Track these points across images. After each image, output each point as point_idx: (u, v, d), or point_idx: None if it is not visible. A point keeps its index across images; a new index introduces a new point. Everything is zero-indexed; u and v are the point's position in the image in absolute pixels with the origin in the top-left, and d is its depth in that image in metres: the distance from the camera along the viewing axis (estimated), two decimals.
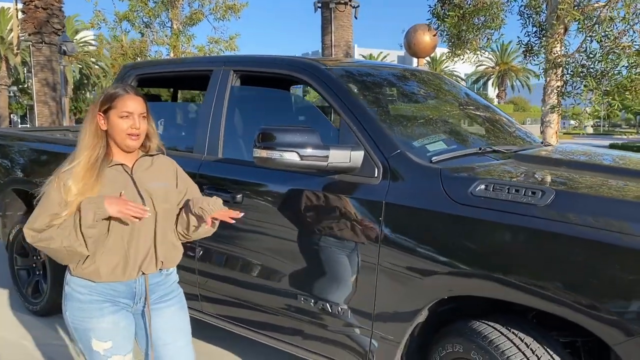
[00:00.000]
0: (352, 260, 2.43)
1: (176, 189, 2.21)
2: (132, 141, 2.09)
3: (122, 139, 2.09)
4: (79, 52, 36.89)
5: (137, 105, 2.08)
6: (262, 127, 2.42)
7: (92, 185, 2.00)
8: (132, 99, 2.08)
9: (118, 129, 2.08)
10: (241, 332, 2.99)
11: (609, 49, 5.17)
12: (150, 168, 2.18)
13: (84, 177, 2.01)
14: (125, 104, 2.07)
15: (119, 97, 2.09)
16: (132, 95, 2.09)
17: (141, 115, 2.09)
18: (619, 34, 5.13)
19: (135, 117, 2.07)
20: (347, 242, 2.44)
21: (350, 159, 2.43)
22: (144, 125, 2.11)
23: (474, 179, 2.20)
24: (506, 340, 2.04)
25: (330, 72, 2.75)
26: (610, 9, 5.10)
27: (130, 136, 2.08)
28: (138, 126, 2.07)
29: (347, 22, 12.07)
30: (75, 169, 2.02)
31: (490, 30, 6.56)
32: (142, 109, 2.10)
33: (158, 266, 2.15)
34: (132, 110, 2.07)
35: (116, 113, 2.07)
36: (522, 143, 3.07)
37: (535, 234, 1.96)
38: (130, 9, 14.79)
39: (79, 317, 2.10)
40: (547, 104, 6.11)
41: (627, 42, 5.13)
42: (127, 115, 2.06)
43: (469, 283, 2.11)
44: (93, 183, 2.01)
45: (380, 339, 2.40)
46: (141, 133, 2.10)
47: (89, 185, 2.00)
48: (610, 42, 5.14)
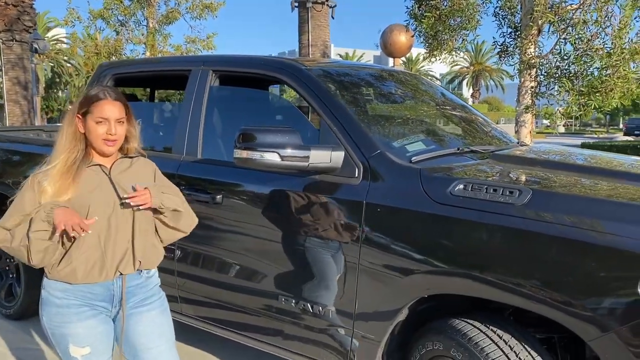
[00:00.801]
0: (333, 260, 2.44)
1: None
2: (107, 147, 2.06)
3: (98, 145, 2.06)
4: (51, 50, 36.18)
5: (113, 110, 2.04)
6: (242, 128, 2.41)
7: (68, 186, 1.98)
8: (109, 104, 2.04)
9: (94, 134, 2.05)
10: (222, 333, 2.97)
11: (582, 51, 5.29)
12: (129, 170, 2.16)
13: (60, 178, 1.98)
14: (101, 110, 2.03)
15: (96, 102, 2.05)
16: (109, 100, 2.05)
17: (118, 121, 2.05)
18: (591, 37, 5.26)
19: (111, 123, 2.03)
20: (328, 242, 2.45)
21: (330, 159, 2.44)
22: (122, 131, 2.07)
23: (453, 179, 2.23)
24: (485, 338, 2.07)
25: (310, 72, 2.76)
26: (584, 12, 5.21)
27: (105, 142, 2.04)
28: (113, 132, 2.03)
29: (324, 21, 12.09)
30: (51, 171, 2.00)
31: (466, 31, 6.66)
32: (119, 114, 2.05)
33: (136, 266, 2.12)
34: (107, 116, 2.03)
35: (92, 118, 2.04)
36: (499, 143, 3.12)
37: (513, 233, 1.99)
38: (105, 7, 14.55)
39: (56, 322, 2.07)
40: (521, 104, 6.22)
41: (599, 44, 5.26)
42: (102, 121, 2.03)
43: (448, 281, 2.14)
44: (69, 184, 1.99)
45: (361, 338, 2.41)
46: (118, 139, 2.07)
47: (64, 186, 1.98)
48: (584, 44, 5.26)
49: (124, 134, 2.10)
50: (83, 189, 2.01)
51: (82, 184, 2.01)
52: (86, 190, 2.02)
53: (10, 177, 4.01)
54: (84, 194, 2.01)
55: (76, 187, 1.99)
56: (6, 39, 14.12)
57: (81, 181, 2.02)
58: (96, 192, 2.04)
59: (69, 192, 1.97)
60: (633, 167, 2.77)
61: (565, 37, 5.41)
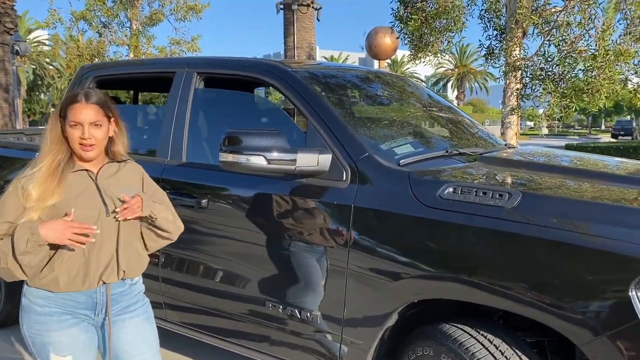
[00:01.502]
0: (321, 265, 2.41)
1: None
2: (84, 151, 1.99)
3: (75, 149, 2.00)
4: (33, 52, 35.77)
5: (87, 114, 1.97)
6: (228, 131, 2.37)
7: (53, 190, 1.92)
8: (83, 108, 1.97)
9: (70, 138, 1.99)
10: (207, 340, 2.92)
11: (566, 53, 5.32)
12: (116, 175, 2.10)
13: (45, 181, 1.93)
14: (74, 113, 1.97)
15: (70, 105, 1.99)
16: (82, 103, 1.98)
17: (94, 124, 1.98)
18: (575, 39, 5.29)
19: (84, 127, 1.96)
20: (316, 247, 2.41)
21: (318, 162, 2.40)
22: (100, 134, 2.00)
23: (442, 182, 2.20)
24: (476, 342, 2.05)
25: (296, 74, 2.72)
26: (567, 14, 5.25)
27: (81, 146, 1.98)
28: (86, 137, 1.96)
29: (309, 24, 12.05)
30: (36, 174, 1.95)
31: (451, 33, 6.67)
32: (93, 118, 1.98)
33: (120, 276, 2.07)
34: (80, 120, 1.96)
35: (67, 121, 1.99)
36: (486, 145, 3.11)
37: (503, 236, 1.98)
38: (87, 8, 14.35)
39: (37, 331, 2.01)
40: (507, 105, 6.24)
41: (583, 46, 5.30)
42: (76, 124, 1.97)
43: (438, 286, 2.12)
44: (54, 188, 1.93)
45: (350, 344, 2.38)
46: (96, 143, 2.00)
47: (49, 190, 1.92)
48: (568, 46, 5.30)
49: (103, 137, 2.03)
50: (68, 194, 1.96)
51: (67, 188, 1.96)
52: (71, 196, 1.96)
53: None
54: (69, 199, 1.95)
55: (61, 191, 1.94)
56: None
57: (67, 186, 1.96)
58: (81, 198, 1.98)
59: (54, 196, 1.92)
60: (619, 168, 2.78)
61: (550, 39, 5.44)
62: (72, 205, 1.96)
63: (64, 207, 1.95)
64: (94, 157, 2.04)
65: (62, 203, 1.95)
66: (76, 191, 1.99)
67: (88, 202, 2.00)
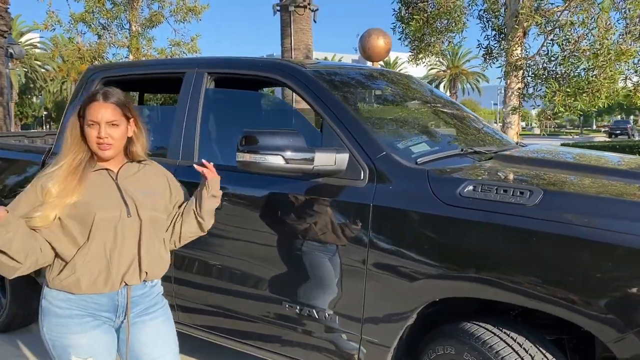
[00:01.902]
0: (339, 265, 2.40)
1: (168, 198, 2.13)
2: (100, 150, 1.98)
3: (93, 148, 1.99)
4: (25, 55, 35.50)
5: (104, 113, 1.96)
6: (245, 130, 2.35)
7: (73, 188, 1.91)
8: (100, 107, 1.97)
9: (88, 137, 1.99)
10: (222, 341, 2.90)
11: (569, 52, 5.34)
12: (137, 175, 2.09)
13: (65, 179, 1.92)
14: (91, 113, 1.97)
15: (88, 104, 1.99)
16: (100, 102, 1.97)
17: (111, 124, 1.97)
18: (578, 38, 5.31)
19: (101, 126, 1.95)
20: (333, 246, 2.40)
21: (335, 161, 2.39)
22: (117, 134, 1.99)
23: (462, 180, 2.20)
24: (499, 341, 2.05)
25: (310, 73, 2.71)
26: (571, 13, 5.27)
27: (98, 145, 1.97)
28: (102, 136, 1.95)
29: (306, 25, 12.03)
30: (57, 172, 1.94)
31: (452, 33, 6.68)
32: (110, 117, 1.97)
33: (142, 277, 2.05)
34: (97, 119, 1.95)
35: (85, 121, 1.98)
36: (499, 143, 3.11)
37: (526, 233, 1.97)
38: (86, 10, 14.23)
39: (58, 333, 1.99)
40: (507, 105, 6.26)
41: (586, 45, 5.32)
42: (93, 124, 1.96)
43: (460, 284, 2.11)
44: (74, 186, 1.92)
45: (370, 344, 2.37)
46: (113, 142, 1.98)
47: (69, 188, 1.91)
48: (571, 46, 5.32)
49: (120, 137, 2.01)
50: (88, 194, 1.94)
51: (88, 188, 1.95)
52: (92, 196, 1.95)
53: None
54: (89, 199, 1.94)
55: (82, 190, 1.92)
56: None
57: (87, 185, 1.95)
58: (103, 198, 1.97)
59: (74, 194, 1.90)
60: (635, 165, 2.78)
61: (553, 38, 5.46)
62: (92, 207, 1.94)
63: (85, 206, 1.94)
64: (111, 156, 2.03)
65: (83, 202, 1.94)
66: (97, 190, 1.98)
67: (109, 202, 1.98)
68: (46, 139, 5.52)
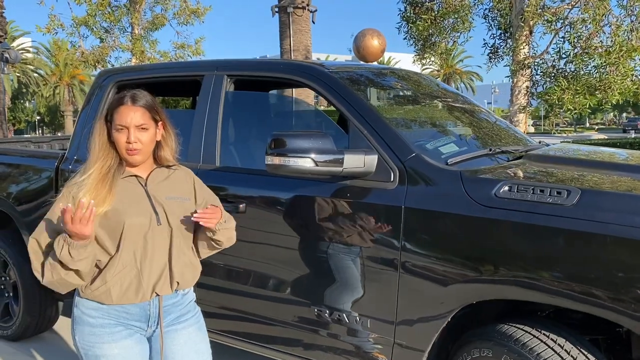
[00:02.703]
0: (370, 268, 2.36)
1: (195, 203, 2.08)
2: (129, 156, 1.94)
3: (122, 154, 1.95)
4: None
5: (133, 116, 1.91)
6: (274, 133, 2.32)
7: (104, 197, 1.87)
8: (128, 110, 1.92)
9: (117, 143, 1.94)
10: (245, 347, 2.86)
11: (581, 49, 5.34)
12: (166, 181, 2.04)
13: (95, 188, 1.87)
14: (119, 117, 1.92)
15: (116, 108, 1.94)
16: (129, 106, 1.93)
17: (139, 128, 1.92)
18: (590, 35, 5.31)
19: (130, 130, 1.91)
20: (363, 250, 2.37)
21: (364, 163, 2.36)
22: (146, 138, 1.95)
23: (497, 181, 2.17)
24: (540, 343, 2.02)
25: (335, 75, 2.68)
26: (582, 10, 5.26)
27: (128, 151, 1.93)
28: (132, 140, 1.91)
29: (305, 26, 11.99)
30: (86, 180, 1.89)
31: (457, 33, 6.67)
32: (139, 120, 1.92)
33: (174, 287, 2.01)
34: (126, 123, 1.91)
35: (114, 125, 1.93)
36: (523, 143, 3.09)
37: (566, 234, 1.95)
38: (88, 14, 14.12)
39: (90, 343, 1.95)
40: (514, 104, 6.25)
41: (597, 42, 5.31)
42: (122, 128, 1.92)
43: (499, 287, 2.08)
44: (106, 195, 1.87)
45: (403, 348, 2.34)
46: (142, 147, 1.94)
47: (101, 197, 1.86)
48: (582, 43, 5.31)
49: (149, 141, 1.97)
50: (118, 203, 1.90)
51: (118, 195, 1.90)
52: (121, 205, 1.90)
53: (2, 191, 3.83)
54: (119, 208, 1.89)
55: (112, 198, 1.88)
56: None
57: (119, 193, 1.91)
58: (133, 206, 1.92)
59: (106, 203, 1.86)
60: None
61: (564, 36, 5.45)
62: (122, 215, 1.90)
63: (116, 215, 1.90)
64: (141, 161, 1.98)
65: (114, 211, 1.90)
66: (127, 198, 1.94)
67: (139, 210, 1.94)
68: (53, 144, 5.47)
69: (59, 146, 5.44)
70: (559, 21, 5.39)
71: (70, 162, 3.43)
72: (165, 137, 2.05)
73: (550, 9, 5.52)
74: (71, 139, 3.56)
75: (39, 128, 55.37)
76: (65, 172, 3.43)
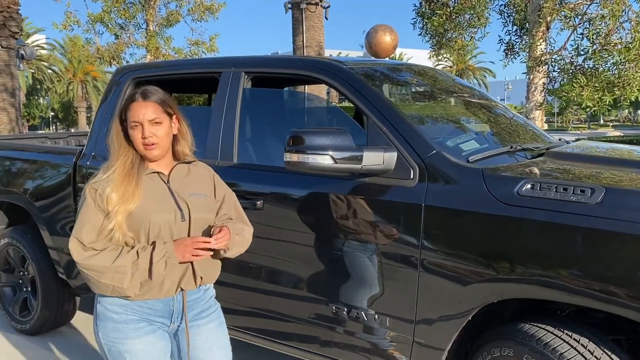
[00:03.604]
0: (389, 266, 2.35)
1: (214, 199, 2.08)
2: (148, 151, 1.94)
3: (140, 150, 1.96)
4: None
5: (145, 112, 1.92)
6: (292, 130, 2.31)
7: (133, 192, 1.88)
8: (140, 106, 1.93)
9: (134, 141, 1.95)
10: (262, 343, 2.86)
11: (600, 46, 5.26)
12: (188, 177, 2.05)
13: (122, 183, 1.88)
14: (132, 114, 1.93)
15: (128, 106, 1.95)
16: (140, 102, 1.93)
17: (153, 122, 1.92)
18: (609, 31, 5.23)
19: (144, 126, 1.91)
20: (382, 248, 2.36)
21: (383, 160, 2.35)
22: (160, 132, 1.95)
23: (519, 179, 2.15)
24: (563, 343, 2.00)
25: (353, 72, 2.66)
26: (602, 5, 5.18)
27: (145, 147, 1.93)
28: (146, 135, 1.91)
29: (318, 22, 11.98)
30: (111, 177, 1.90)
31: (474, 29, 6.61)
32: (152, 115, 1.92)
33: (197, 282, 2.02)
34: (139, 119, 1.91)
35: (128, 123, 1.94)
36: (543, 140, 3.05)
37: (590, 233, 1.92)
38: (104, 10, 14.20)
39: (114, 339, 1.96)
40: (531, 101, 6.19)
41: (617, 39, 5.23)
42: (136, 125, 1.92)
43: (521, 286, 2.05)
44: (134, 190, 1.88)
45: (422, 347, 2.32)
46: (158, 141, 1.94)
47: (129, 192, 1.87)
48: (602, 39, 5.23)
49: (165, 135, 1.97)
50: (143, 200, 1.90)
51: (145, 193, 1.91)
52: (146, 201, 1.91)
53: (19, 187, 3.86)
54: (146, 204, 1.90)
55: (140, 193, 1.89)
56: None
57: (144, 189, 1.91)
58: (157, 203, 1.93)
59: (135, 198, 1.87)
60: None
61: (583, 32, 5.38)
62: (149, 210, 1.91)
63: (142, 212, 1.90)
64: (159, 156, 1.99)
65: (140, 207, 1.90)
66: (151, 195, 1.94)
67: (164, 206, 1.95)
68: (69, 140, 5.50)
69: (75, 142, 5.47)
70: (577, 17, 5.33)
71: (87, 158, 3.45)
72: (181, 130, 2.06)
73: (568, 5, 5.46)
74: (89, 135, 3.58)
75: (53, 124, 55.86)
76: (82, 169, 3.45)
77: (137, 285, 1.86)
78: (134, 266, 1.83)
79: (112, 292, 1.88)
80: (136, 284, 1.85)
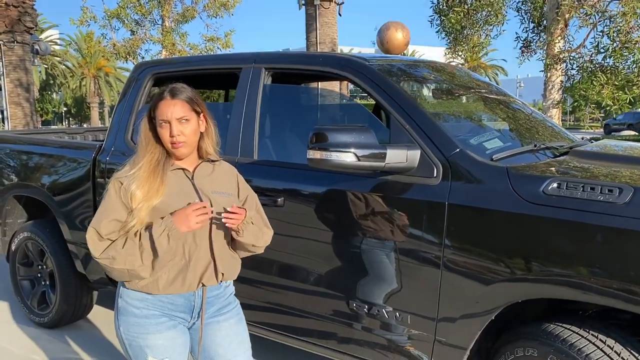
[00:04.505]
0: (411, 264, 2.34)
1: (237, 199, 2.08)
2: (175, 149, 1.95)
3: (168, 148, 1.97)
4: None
5: (173, 110, 1.92)
6: (316, 127, 2.30)
7: (157, 188, 1.88)
8: (168, 104, 1.93)
9: (162, 138, 1.96)
10: (281, 339, 2.86)
11: (620, 43, 5.20)
12: (212, 175, 2.05)
13: (147, 179, 1.89)
14: (160, 112, 1.94)
15: (156, 104, 1.96)
16: (168, 100, 1.94)
17: (181, 120, 1.93)
18: (630, 29, 5.16)
19: (172, 124, 1.92)
20: (405, 245, 2.35)
21: (407, 158, 2.33)
22: (188, 130, 1.95)
23: (545, 177, 2.13)
24: (589, 344, 1.98)
25: (376, 68, 2.65)
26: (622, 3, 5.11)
27: (172, 145, 1.94)
28: (175, 134, 1.92)
29: (331, 19, 11.93)
30: (137, 173, 1.90)
31: (490, 26, 6.56)
32: (180, 113, 1.93)
33: (219, 278, 2.02)
34: (167, 117, 1.92)
35: (157, 122, 1.95)
36: (566, 139, 3.02)
37: (617, 233, 1.90)
38: (120, 6, 14.27)
39: (135, 333, 1.97)
40: (548, 99, 6.13)
41: (638, 37, 5.17)
42: (164, 123, 1.93)
43: (546, 286, 2.04)
44: (158, 186, 1.89)
45: (444, 345, 2.31)
46: (185, 139, 1.94)
47: (154, 188, 1.88)
48: (622, 37, 5.17)
49: (192, 133, 1.97)
50: (167, 195, 1.91)
51: (169, 188, 1.92)
52: (170, 197, 1.91)
53: (38, 181, 3.89)
54: (169, 199, 1.91)
55: (164, 190, 1.90)
56: (7, 40, 13.85)
57: (168, 185, 1.92)
58: (180, 198, 1.93)
59: (159, 194, 1.88)
60: None
61: (603, 30, 5.32)
62: (172, 204, 1.91)
63: (165, 207, 1.91)
64: (187, 154, 1.99)
65: (163, 202, 1.91)
66: (174, 191, 1.95)
67: (187, 202, 1.95)
68: (86, 135, 5.53)
69: (92, 137, 5.50)
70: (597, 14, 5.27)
71: (107, 153, 3.46)
72: (208, 129, 2.06)
73: (587, 2, 5.40)
74: (108, 130, 3.59)
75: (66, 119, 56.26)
76: (101, 163, 3.46)
77: (149, 266, 1.86)
78: (140, 246, 1.85)
79: (129, 277, 1.89)
80: (148, 264, 1.86)
